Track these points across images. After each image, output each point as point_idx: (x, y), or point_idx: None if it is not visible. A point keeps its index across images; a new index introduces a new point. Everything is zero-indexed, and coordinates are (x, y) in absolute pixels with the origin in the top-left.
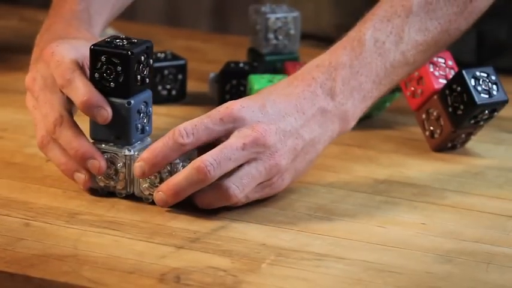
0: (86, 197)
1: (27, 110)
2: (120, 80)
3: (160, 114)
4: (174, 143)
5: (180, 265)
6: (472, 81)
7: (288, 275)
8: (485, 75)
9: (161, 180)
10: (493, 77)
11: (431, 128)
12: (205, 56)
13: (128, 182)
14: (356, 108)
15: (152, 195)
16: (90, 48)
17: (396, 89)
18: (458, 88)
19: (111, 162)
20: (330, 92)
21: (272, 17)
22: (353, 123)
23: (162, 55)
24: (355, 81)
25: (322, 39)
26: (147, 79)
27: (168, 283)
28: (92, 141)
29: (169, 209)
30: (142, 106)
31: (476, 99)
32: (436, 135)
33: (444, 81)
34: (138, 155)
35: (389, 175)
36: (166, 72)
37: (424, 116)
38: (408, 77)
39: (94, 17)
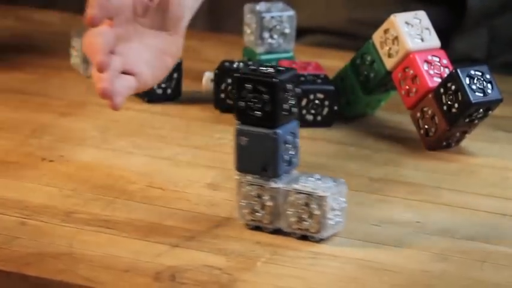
0: (82, 196)
1: (22, 110)
2: (267, 109)
3: (156, 113)
4: None
5: (176, 263)
6: (467, 80)
7: (283, 273)
8: (480, 73)
9: (310, 215)
10: (488, 76)
11: (426, 126)
12: (201, 54)
13: (274, 215)
14: None
15: (301, 229)
16: (235, 76)
17: (391, 88)
18: (453, 87)
19: (257, 195)
20: None
21: (267, 15)
22: None
23: None
24: None
25: (333, 33)
26: (294, 108)
27: (163, 281)
28: (238, 173)
29: (165, 207)
30: (290, 137)
31: (471, 98)
32: (430, 134)
33: (439, 80)
34: (284, 188)
35: (385, 174)
36: None
37: (418, 114)
38: (403, 76)
39: None
